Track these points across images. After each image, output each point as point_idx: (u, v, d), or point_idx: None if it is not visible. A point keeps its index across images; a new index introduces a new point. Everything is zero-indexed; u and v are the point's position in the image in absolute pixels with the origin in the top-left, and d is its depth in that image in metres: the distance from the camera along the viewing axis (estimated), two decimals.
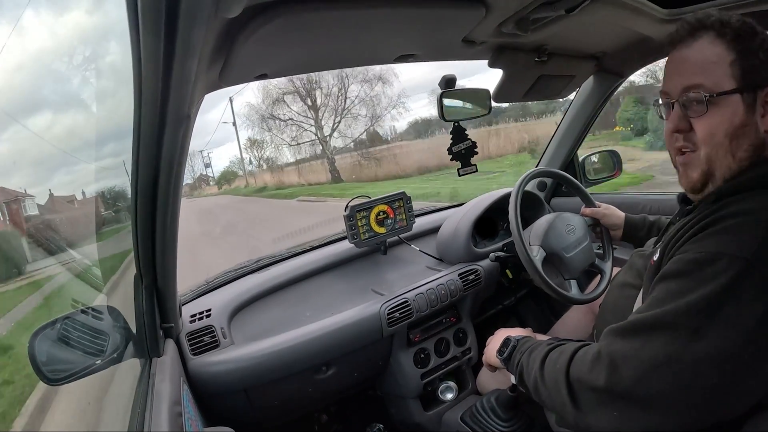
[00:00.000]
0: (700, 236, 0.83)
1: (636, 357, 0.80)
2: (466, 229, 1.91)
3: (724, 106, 0.87)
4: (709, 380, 0.75)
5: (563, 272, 1.58)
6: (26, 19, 11.89)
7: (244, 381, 1.43)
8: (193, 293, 1.74)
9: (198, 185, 33.78)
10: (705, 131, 0.89)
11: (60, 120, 10.08)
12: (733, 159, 0.88)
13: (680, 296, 0.79)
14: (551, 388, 0.93)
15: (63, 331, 1.06)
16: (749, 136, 0.87)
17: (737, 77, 0.86)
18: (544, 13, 1.19)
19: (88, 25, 3.65)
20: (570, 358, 0.91)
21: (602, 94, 2.06)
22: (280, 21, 0.91)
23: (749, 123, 0.87)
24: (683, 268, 0.82)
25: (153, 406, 0.96)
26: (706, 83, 0.87)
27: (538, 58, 1.55)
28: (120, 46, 0.68)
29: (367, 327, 1.59)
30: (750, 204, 0.82)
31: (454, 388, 1.82)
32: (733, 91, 0.86)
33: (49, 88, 9.58)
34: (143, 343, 1.20)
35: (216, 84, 1.11)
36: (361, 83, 21.67)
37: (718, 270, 0.77)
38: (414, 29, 1.19)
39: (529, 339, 1.16)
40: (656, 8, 1.33)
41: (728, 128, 0.87)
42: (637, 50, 1.70)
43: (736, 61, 0.85)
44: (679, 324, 0.78)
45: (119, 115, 0.96)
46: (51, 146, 9.89)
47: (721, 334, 0.75)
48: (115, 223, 4.74)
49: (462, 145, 1.60)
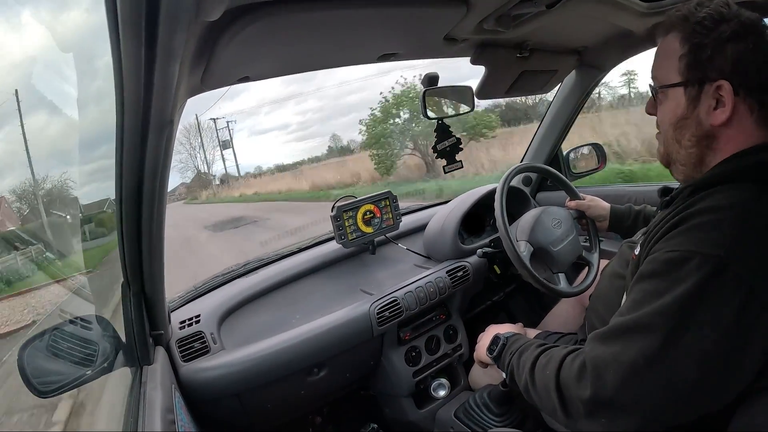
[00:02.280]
0: (673, 233, 0.84)
1: (617, 361, 0.81)
2: (452, 226, 1.91)
3: (670, 99, 0.94)
4: (689, 378, 0.76)
5: (551, 266, 1.59)
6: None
7: (236, 386, 1.43)
8: (182, 299, 1.73)
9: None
10: (659, 118, 0.99)
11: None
12: (680, 146, 0.95)
13: (656, 297, 0.80)
14: (542, 394, 0.95)
15: (52, 343, 1.05)
16: (690, 128, 0.91)
17: (682, 71, 0.89)
18: (525, 9, 1.20)
19: (68, 30, 3.61)
20: (558, 367, 0.91)
21: (584, 88, 2.07)
22: (262, 23, 0.91)
23: (690, 116, 0.90)
24: (657, 269, 0.83)
25: (146, 414, 0.95)
26: (659, 76, 0.95)
27: (520, 54, 1.55)
28: (100, 52, 0.67)
29: (358, 327, 1.59)
30: (721, 200, 0.83)
31: (446, 385, 1.82)
32: (677, 85, 0.91)
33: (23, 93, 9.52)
34: (133, 352, 1.19)
35: (198, 88, 1.10)
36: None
37: (691, 268, 0.77)
38: (395, 28, 1.20)
39: (519, 338, 1.17)
40: (637, 2, 1.34)
41: (671, 119, 0.94)
42: (618, 44, 1.71)
43: (684, 56, 0.89)
44: (655, 325, 0.79)
45: (100, 121, 0.96)
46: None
47: (698, 333, 0.76)
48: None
49: (447, 143, 1.61)
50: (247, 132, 67.67)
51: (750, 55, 0.84)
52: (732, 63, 0.84)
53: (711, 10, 0.87)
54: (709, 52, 0.86)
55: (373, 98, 20.86)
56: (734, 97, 0.85)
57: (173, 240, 11.38)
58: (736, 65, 0.84)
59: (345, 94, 65.76)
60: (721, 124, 0.87)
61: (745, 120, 0.87)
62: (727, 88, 0.85)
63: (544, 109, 2.38)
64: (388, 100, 16.83)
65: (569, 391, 0.87)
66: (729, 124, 0.87)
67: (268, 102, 67.68)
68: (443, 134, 1.61)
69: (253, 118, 68.04)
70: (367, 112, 18.92)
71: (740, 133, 0.88)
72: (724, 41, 0.85)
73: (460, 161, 1.64)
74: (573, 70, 1.99)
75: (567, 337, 1.44)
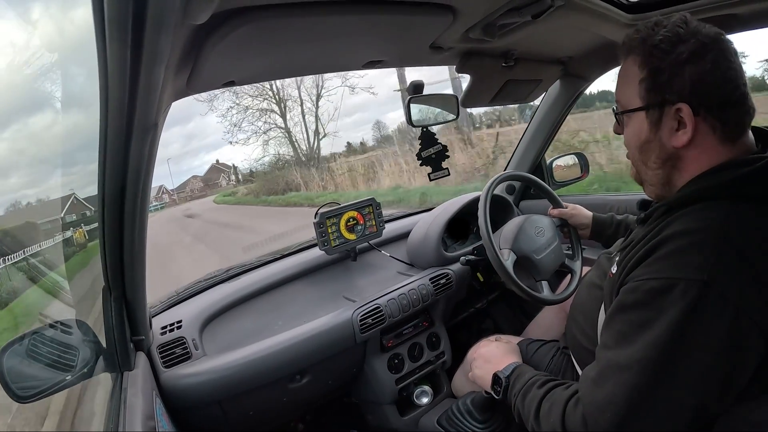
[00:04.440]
0: (652, 259, 0.84)
1: (612, 403, 0.80)
2: (436, 233, 1.92)
3: (633, 122, 0.95)
4: (687, 404, 0.77)
5: (534, 274, 1.60)
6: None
7: (218, 392, 1.41)
8: (163, 305, 1.71)
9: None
10: (625, 141, 1.00)
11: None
12: (646, 167, 0.96)
13: (643, 329, 0.80)
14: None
15: (31, 347, 1.04)
16: (654, 150, 0.92)
17: (642, 96, 0.90)
18: (510, 19, 1.21)
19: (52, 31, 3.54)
20: (562, 415, 0.90)
21: (568, 98, 2.10)
22: (248, 28, 0.90)
23: (653, 139, 0.92)
24: (641, 299, 0.82)
25: (126, 420, 0.94)
26: (621, 100, 0.96)
27: (506, 63, 1.57)
28: (85, 54, 0.66)
29: (340, 334, 1.59)
30: (694, 222, 0.83)
31: (429, 392, 1.82)
32: (638, 109, 0.92)
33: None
34: (114, 357, 1.17)
35: (183, 91, 1.10)
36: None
37: (675, 296, 0.77)
38: (382, 36, 1.20)
39: (519, 375, 1.14)
40: (621, 14, 1.36)
41: (636, 142, 0.96)
42: (602, 55, 1.74)
43: (644, 80, 0.89)
44: (647, 359, 0.78)
45: (83, 125, 0.95)
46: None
47: (693, 358, 0.76)
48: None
49: (432, 150, 1.61)
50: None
51: (709, 74, 0.84)
52: (690, 84, 0.84)
53: (668, 32, 0.87)
54: (666, 75, 0.86)
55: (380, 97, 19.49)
56: (695, 117, 0.85)
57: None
58: (695, 86, 0.84)
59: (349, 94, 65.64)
60: (683, 145, 0.88)
61: (708, 139, 0.87)
62: (687, 110, 0.85)
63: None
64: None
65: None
66: (692, 145, 0.88)
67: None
68: (428, 141, 1.62)
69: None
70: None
71: (704, 153, 0.88)
72: (681, 63, 0.85)
73: (447, 168, 1.65)
74: (557, 79, 2.02)
75: (549, 344, 1.45)
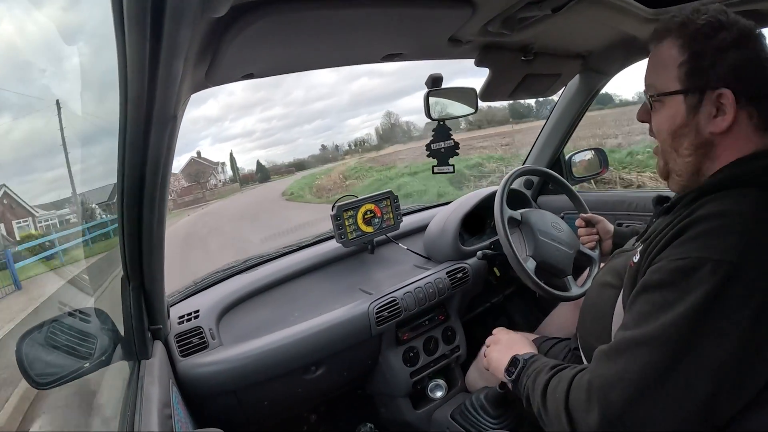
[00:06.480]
0: (681, 240, 0.81)
1: (623, 380, 0.77)
2: (453, 227, 1.91)
3: (668, 106, 0.92)
4: (703, 392, 0.73)
5: (552, 273, 1.59)
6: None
7: (234, 382, 1.43)
8: (181, 294, 1.73)
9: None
10: (655, 127, 0.97)
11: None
12: (677, 155, 0.93)
13: (665, 308, 0.77)
14: (553, 419, 0.90)
15: (50, 335, 1.05)
16: (689, 136, 0.90)
17: (682, 79, 0.88)
18: (530, 12, 1.20)
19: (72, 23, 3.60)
20: (567, 388, 0.87)
21: (588, 92, 2.08)
22: (267, 20, 0.91)
23: (689, 124, 0.89)
24: (666, 278, 0.79)
25: (142, 408, 0.95)
26: (656, 84, 0.93)
27: (525, 57, 1.55)
28: (106, 47, 0.67)
29: (356, 326, 1.59)
30: (727, 205, 0.81)
31: (443, 386, 1.82)
32: (676, 93, 0.89)
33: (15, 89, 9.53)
34: (131, 346, 1.19)
35: (202, 84, 1.10)
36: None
37: (702, 276, 0.74)
38: (400, 28, 1.19)
39: (537, 359, 1.10)
40: (642, 8, 1.34)
41: (670, 127, 0.92)
42: (622, 49, 1.71)
43: (684, 63, 0.88)
44: (666, 338, 0.75)
45: (104, 116, 0.96)
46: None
47: (713, 343, 0.73)
48: None
49: (443, 144, 1.59)
50: (211, 139, 68.28)
51: (750, 62, 0.84)
52: (733, 71, 0.84)
53: (710, 18, 0.86)
54: (709, 59, 0.85)
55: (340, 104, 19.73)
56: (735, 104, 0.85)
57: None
58: (736, 73, 0.84)
59: (313, 100, 66.23)
60: (720, 132, 0.86)
61: (743, 127, 0.86)
62: (729, 96, 0.84)
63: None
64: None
65: (578, 413, 0.83)
66: (728, 132, 0.86)
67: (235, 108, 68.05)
68: (442, 135, 1.60)
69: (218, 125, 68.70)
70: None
71: (738, 140, 0.87)
72: (725, 49, 0.84)
73: (452, 165, 1.63)
74: (577, 74, 1.99)
75: (563, 343, 1.44)
